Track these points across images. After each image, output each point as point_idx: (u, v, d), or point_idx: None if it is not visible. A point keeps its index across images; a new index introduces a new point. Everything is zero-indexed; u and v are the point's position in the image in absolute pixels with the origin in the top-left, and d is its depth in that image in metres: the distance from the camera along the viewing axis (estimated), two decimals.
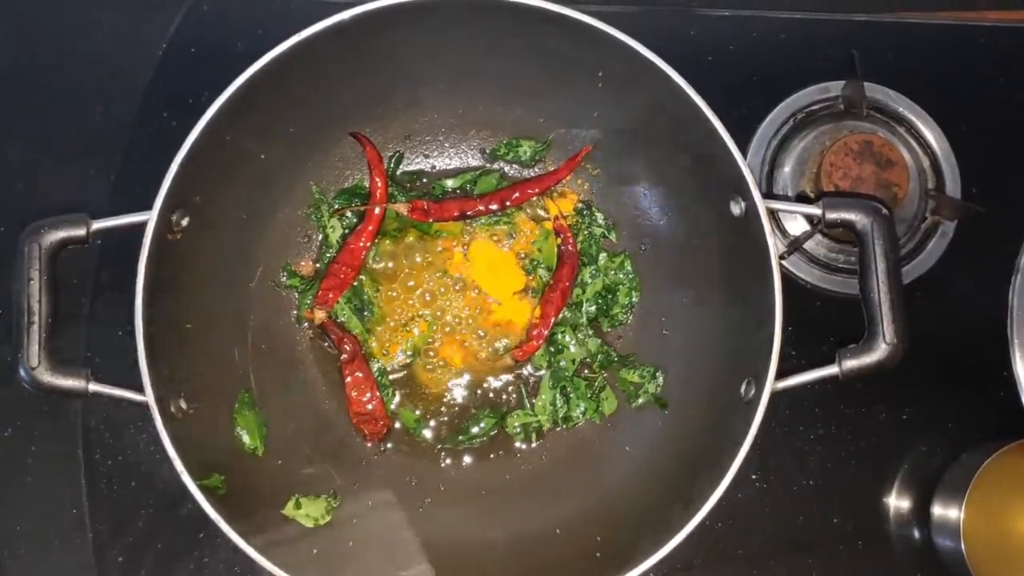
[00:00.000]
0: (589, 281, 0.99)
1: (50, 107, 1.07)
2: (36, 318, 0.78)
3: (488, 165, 1.01)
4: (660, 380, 0.97)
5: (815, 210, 0.83)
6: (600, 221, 1.00)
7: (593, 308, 0.98)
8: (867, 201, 0.83)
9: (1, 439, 0.99)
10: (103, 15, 1.08)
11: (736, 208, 0.86)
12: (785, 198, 1.03)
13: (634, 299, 0.99)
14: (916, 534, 1.00)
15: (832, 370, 0.81)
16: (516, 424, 0.97)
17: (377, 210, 0.96)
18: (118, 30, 1.08)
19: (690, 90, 0.83)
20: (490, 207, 0.97)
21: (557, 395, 0.97)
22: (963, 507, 0.94)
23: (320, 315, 0.96)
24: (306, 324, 0.98)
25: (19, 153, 1.05)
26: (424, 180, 1.01)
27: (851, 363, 0.81)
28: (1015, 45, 1.10)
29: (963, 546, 0.93)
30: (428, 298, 0.98)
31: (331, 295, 0.96)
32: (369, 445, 0.96)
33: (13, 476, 0.99)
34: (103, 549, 0.97)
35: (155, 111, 1.04)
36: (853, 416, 1.02)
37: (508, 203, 0.98)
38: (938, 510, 0.98)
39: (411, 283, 0.98)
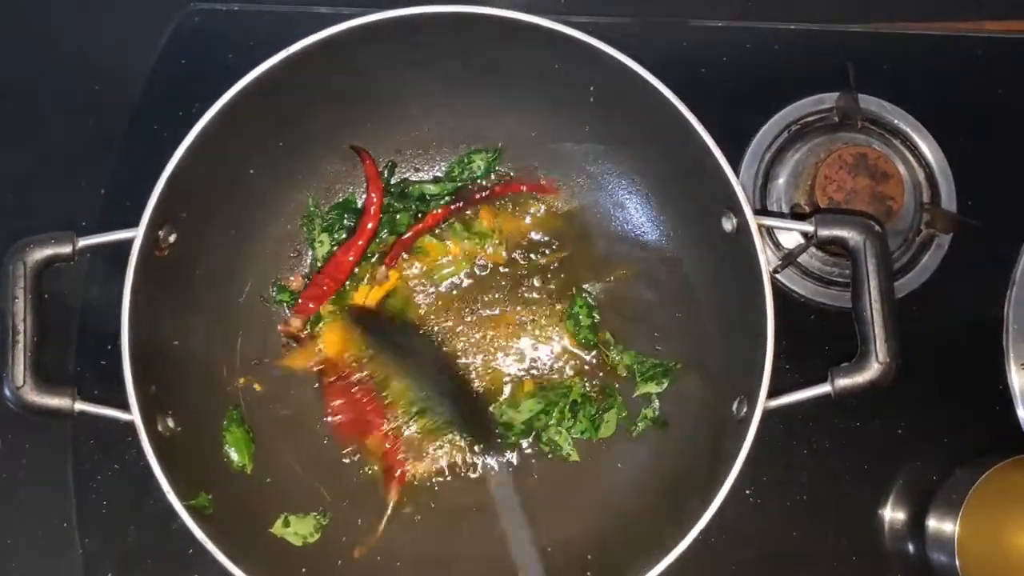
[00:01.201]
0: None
1: (40, 119, 1.07)
2: (21, 337, 0.78)
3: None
4: (656, 404, 0.96)
5: (808, 227, 0.83)
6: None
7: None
8: (860, 219, 0.82)
9: None
10: (94, 27, 1.08)
11: (728, 224, 0.85)
12: (778, 214, 1.03)
13: None
14: (911, 549, 1.00)
15: (824, 389, 0.81)
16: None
17: (370, 225, 0.96)
18: (109, 42, 1.08)
19: (681, 105, 0.83)
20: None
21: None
22: (958, 522, 0.93)
23: (296, 323, 0.95)
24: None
25: (8, 165, 1.05)
26: (412, 192, 1.00)
27: (843, 382, 0.80)
28: (1012, 56, 1.09)
29: (957, 562, 0.93)
30: None
31: (311, 305, 0.95)
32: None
33: (2, 491, 0.98)
34: (93, 565, 0.97)
35: (146, 123, 1.04)
36: (847, 430, 1.02)
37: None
38: (933, 525, 0.98)
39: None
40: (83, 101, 1.06)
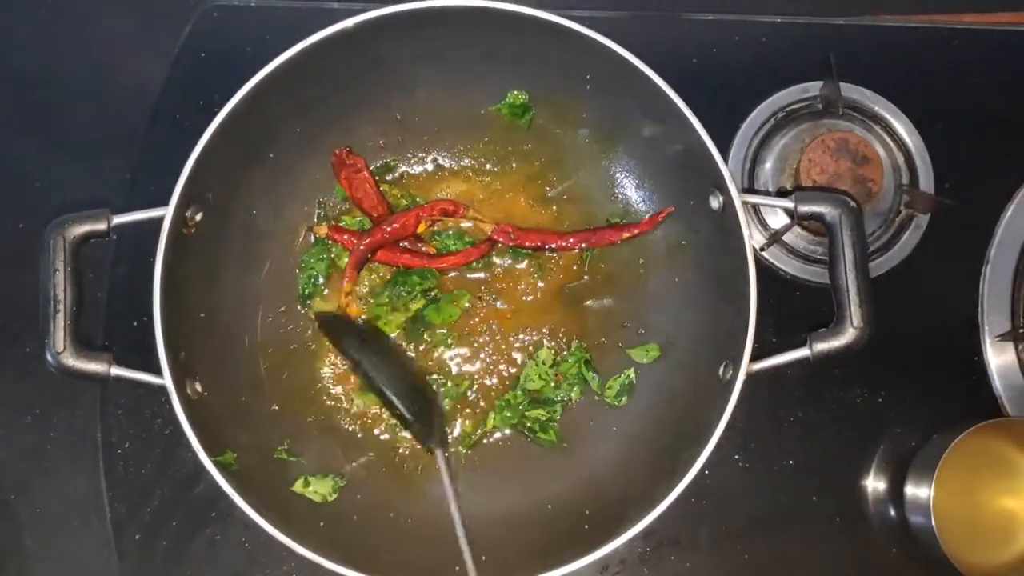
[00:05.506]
0: None
1: (67, 109, 1.10)
2: (61, 306, 0.83)
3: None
4: (632, 375, 1.00)
5: (788, 203, 0.87)
6: None
7: None
8: (836, 195, 0.87)
9: (22, 426, 1.03)
10: (119, 21, 1.11)
11: (715, 202, 0.90)
12: (762, 192, 1.07)
13: None
14: (891, 511, 1.03)
15: (803, 352, 0.85)
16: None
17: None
18: (133, 36, 1.11)
19: (671, 92, 0.87)
20: (568, 243, 1.00)
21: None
22: (932, 485, 0.96)
23: (323, 230, 0.99)
24: (312, 314, 1.01)
25: (37, 152, 1.08)
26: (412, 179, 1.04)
27: (821, 346, 0.85)
28: (986, 47, 1.13)
29: (933, 523, 0.95)
30: None
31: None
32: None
33: (34, 461, 1.03)
34: (121, 528, 1.01)
35: (168, 113, 1.07)
36: (831, 400, 1.05)
37: (585, 244, 1.00)
38: (910, 488, 1.01)
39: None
40: (108, 92, 1.09)
